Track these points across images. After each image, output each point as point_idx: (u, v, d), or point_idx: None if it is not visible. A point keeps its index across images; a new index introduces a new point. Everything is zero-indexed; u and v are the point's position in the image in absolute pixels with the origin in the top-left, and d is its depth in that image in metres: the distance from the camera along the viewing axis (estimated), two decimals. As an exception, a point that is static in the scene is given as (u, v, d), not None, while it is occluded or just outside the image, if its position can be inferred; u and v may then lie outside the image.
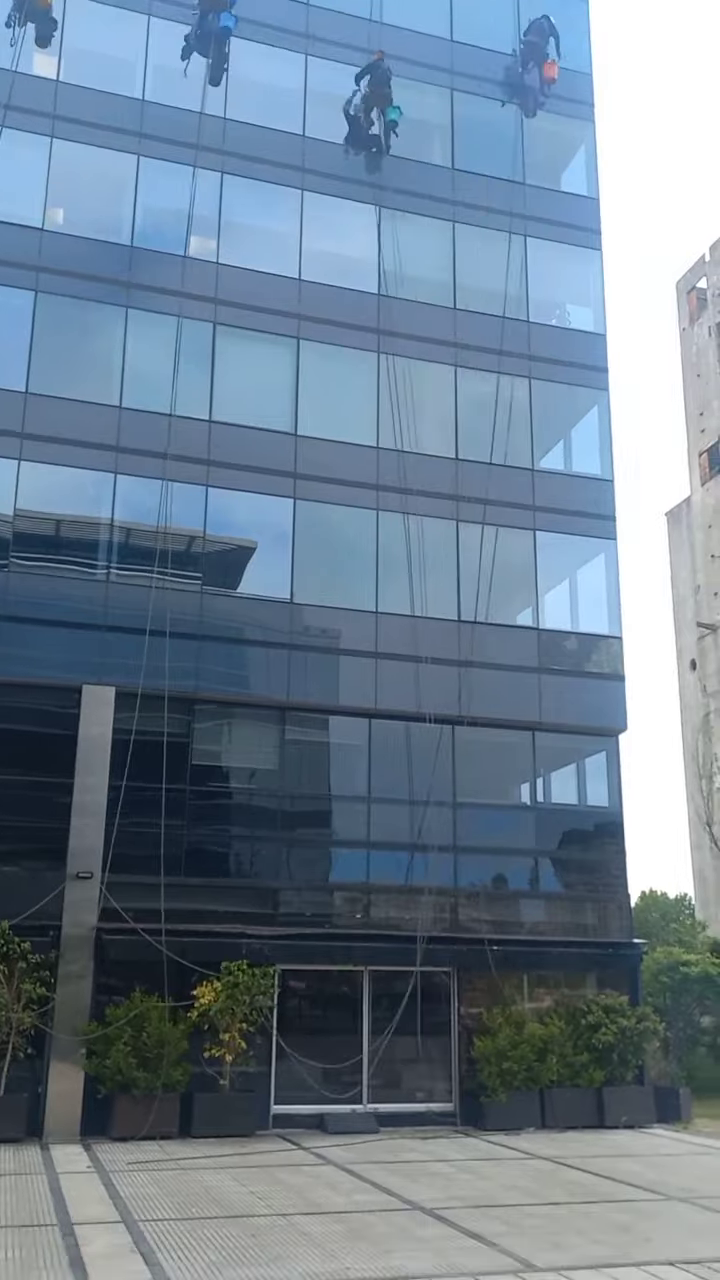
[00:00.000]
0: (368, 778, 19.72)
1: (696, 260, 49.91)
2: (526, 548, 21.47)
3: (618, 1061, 18.51)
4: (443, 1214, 10.92)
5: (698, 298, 49.38)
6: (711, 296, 48.20)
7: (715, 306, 47.68)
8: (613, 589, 22.03)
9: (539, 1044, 18.02)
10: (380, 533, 20.56)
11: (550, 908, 20.44)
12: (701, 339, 48.48)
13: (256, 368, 21.08)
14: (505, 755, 20.94)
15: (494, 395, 21.90)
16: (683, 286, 50.58)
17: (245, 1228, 10.21)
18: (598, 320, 23.60)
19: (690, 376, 49.13)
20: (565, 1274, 8.62)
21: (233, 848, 19.40)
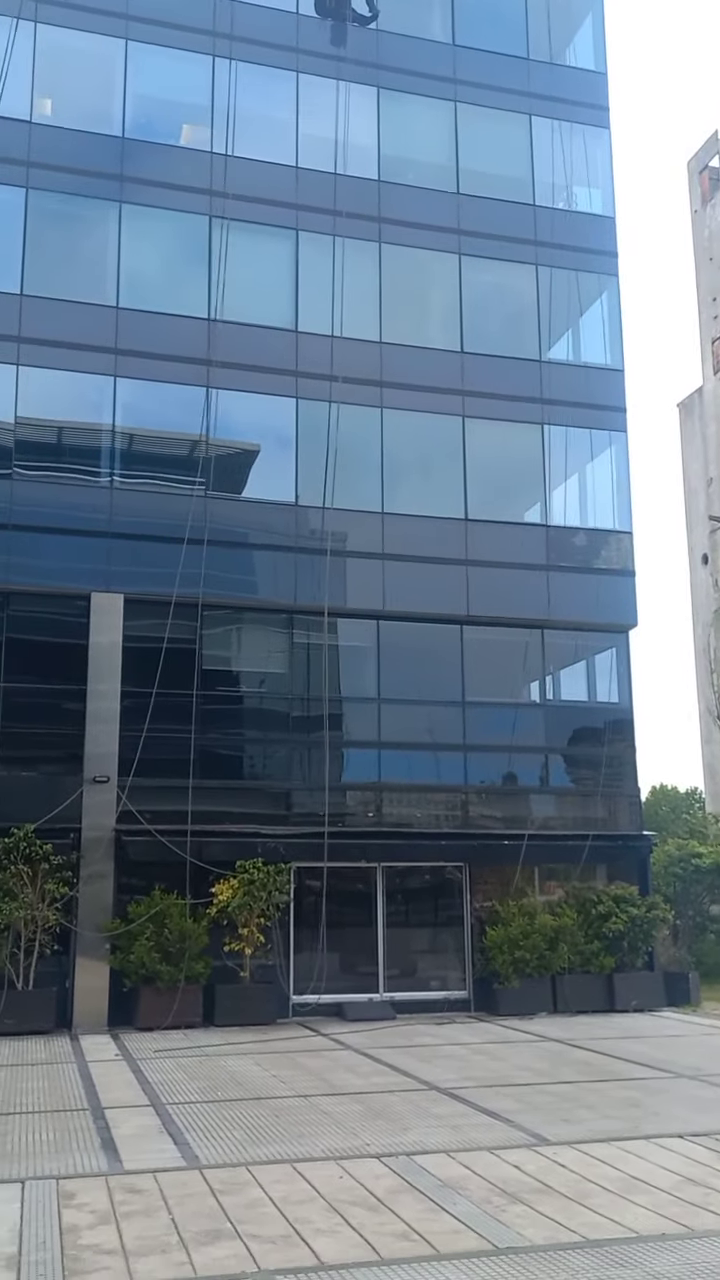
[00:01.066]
0: (377, 679, 19.81)
1: (708, 138, 47.94)
2: (534, 442, 21.15)
3: (628, 949, 18.99)
4: (458, 1093, 11.34)
5: (710, 178, 47.63)
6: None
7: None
8: (622, 483, 21.78)
9: (550, 933, 18.46)
10: (385, 431, 20.26)
11: (561, 803, 20.72)
12: (714, 222, 46.92)
13: (255, 262, 20.51)
14: (514, 654, 20.98)
15: (499, 284, 21.34)
16: (694, 166, 48.74)
17: (268, 1108, 10.63)
18: (606, 202, 22.82)
19: (702, 261, 47.68)
20: (577, 1147, 8.96)
21: (245, 751, 19.63)
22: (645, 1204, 7.40)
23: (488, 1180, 7.98)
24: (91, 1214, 7.21)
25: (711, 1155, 8.67)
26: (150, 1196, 7.60)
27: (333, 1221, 7.04)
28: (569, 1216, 7.12)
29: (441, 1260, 6.32)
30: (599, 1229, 6.87)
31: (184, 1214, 7.19)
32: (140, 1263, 6.29)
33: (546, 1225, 6.94)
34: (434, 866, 19.72)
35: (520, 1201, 7.46)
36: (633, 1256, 6.34)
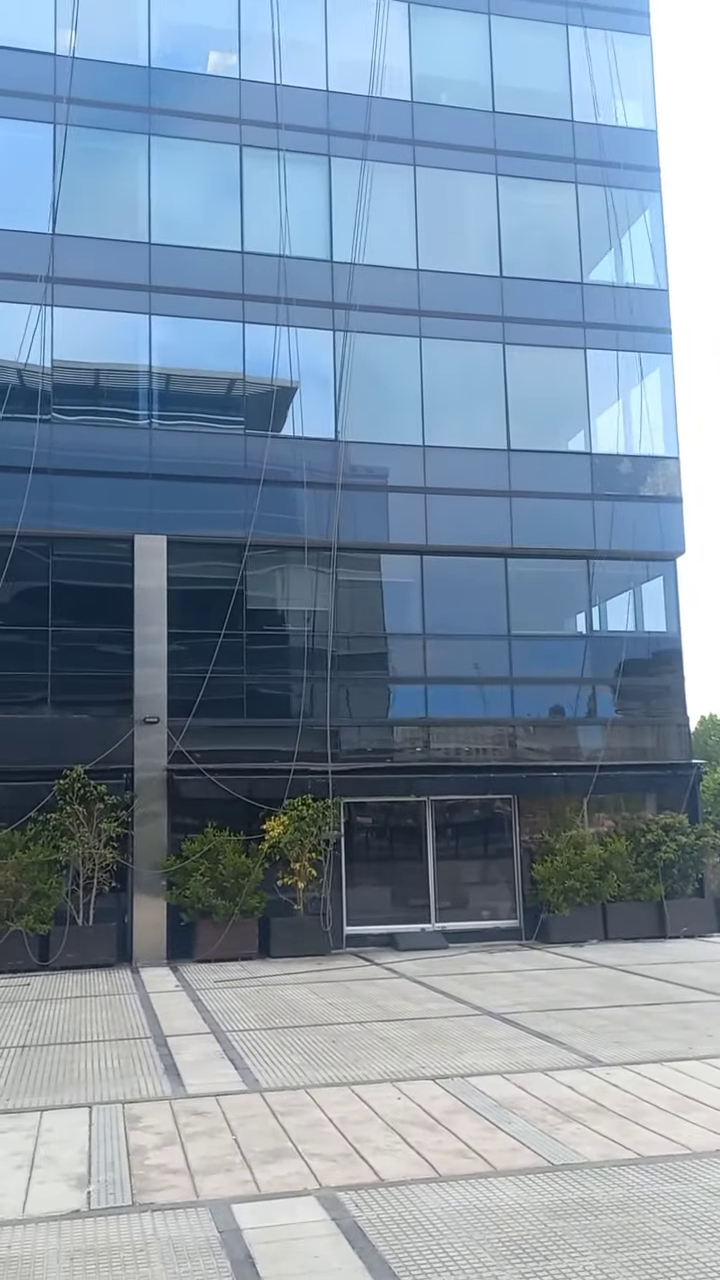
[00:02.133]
0: (421, 614, 19.76)
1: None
2: (577, 368, 20.73)
3: (678, 876, 19.04)
4: (511, 1018, 11.51)
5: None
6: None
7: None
8: (669, 407, 21.31)
9: (600, 863, 18.54)
10: (424, 362, 19.96)
11: (609, 734, 20.65)
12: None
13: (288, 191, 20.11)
14: (560, 585, 20.82)
15: (538, 205, 20.77)
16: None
17: (325, 1034, 10.87)
18: (648, 115, 22.02)
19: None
20: (630, 1068, 9.08)
21: (292, 689, 19.73)
22: (699, 1121, 7.49)
23: (542, 1100, 8.11)
24: (157, 1135, 7.45)
25: (765, 1075, 8.74)
26: (213, 1119, 7.84)
27: (391, 1140, 7.22)
28: (623, 1134, 7.23)
29: (499, 1176, 6.45)
30: (653, 1146, 6.97)
31: (246, 1135, 7.41)
32: (206, 1181, 6.50)
33: (601, 1143, 7.06)
34: (482, 799, 19.82)
35: (574, 1120, 7.58)
36: (687, 1172, 6.43)
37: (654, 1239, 5.42)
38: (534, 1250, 5.31)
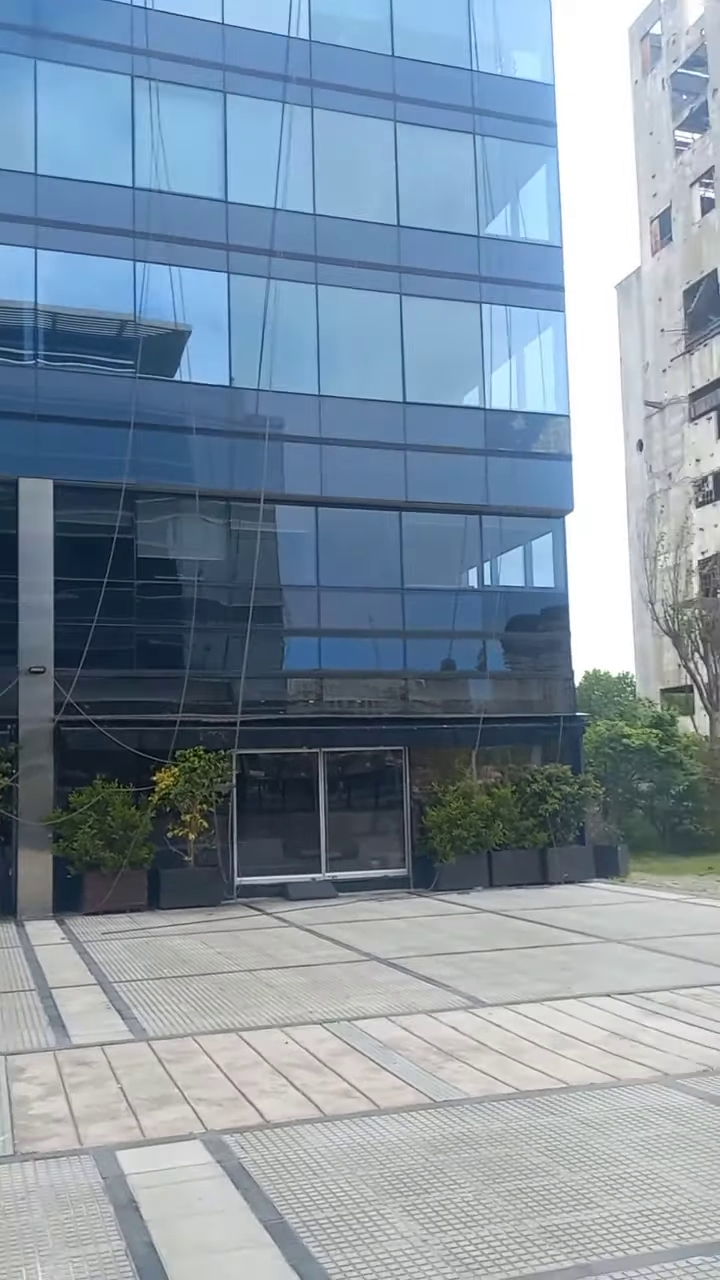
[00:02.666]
0: (316, 566, 19.71)
1: (650, 1, 46.26)
2: (473, 322, 20.74)
3: (560, 825, 19.61)
4: (398, 962, 11.73)
5: (651, 45, 46.07)
6: (666, 44, 44.97)
7: (670, 55, 44.58)
8: (561, 365, 21.54)
9: (487, 812, 18.95)
10: (321, 311, 19.70)
11: (498, 687, 21.02)
12: (655, 93, 45.61)
13: (180, 127, 19.48)
14: (453, 540, 20.98)
15: (436, 154, 20.59)
16: (635, 32, 47.07)
17: (213, 983, 10.91)
18: (545, 69, 21.98)
19: (642, 134, 46.52)
20: (510, 1008, 9.36)
21: (185, 640, 19.47)
22: (575, 1057, 7.78)
23: (425, 1040, 8.31)
24: (41, 1086, 7.39)
25: (638, 1011, 9.11)
26: (98, 1068, 7.80)
27: (277, 1083, 7.30)
28: (503, 1071, 7.46)
29: (382, 1114, 6.60)
30: (531, 1081, 7.21)
31: (132, 1083, 7.40)
32: (90, 1129, 6.47)
33: (481, 1079, 7.27)
34: (374, 751, 20.03)
35: (456, 1059, 7.79)
36: (562, 1105, 6.68)
37: (530, 1169, 5.62)
38: (414, 1183, 5.46)
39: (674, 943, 12.63)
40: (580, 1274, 4.45)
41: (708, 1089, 6.88)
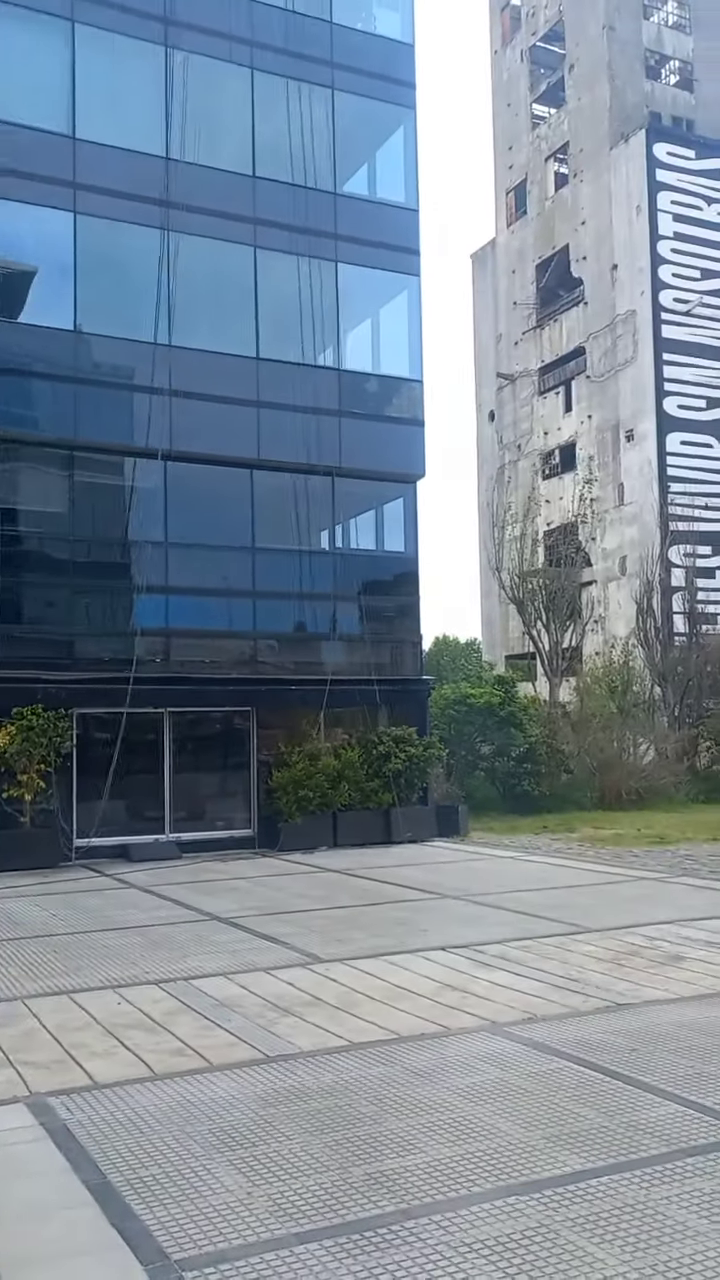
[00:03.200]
0: (164, 522, 19.28)
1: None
2: (328, 281, 20.55)
3: (405, 785, 19.94)
4: (238, 921, 11.71)
5: (511, 17, 46.45)
6: (526, 16, 45.43)
7: (529, 28, 45.05)
8: (414, 330, 21.61)
9: (333, 773, 19.09)
10: (172, 258, 19.13)
11: (347, 649, 21.12)
12: (514, 64, 46.06)
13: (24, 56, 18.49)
14: (305, 501, 20.86)
15: (294, 106, 20.20)
16: (496, 3, 47.35)
17: (46, 946, 10.64)
18: (405, 29, 21.82)
19: (500, 106, 46.97)
20: (348, 963, 9.47)
21: (24, 594, 18.83)
22: (407, 1009, 7.92)
23: (262, 997, 8.32)
24: None
25: (470, 964, 9.36)
26: None
27: (108, 1045, 7.18)
28: (337, 1024, 7.54)
29: (215, 1071, 6.57)
30: (364, 1033, 7.31)
31: (-45, 1048, 7.14)
32: None
33: (315, 1033, 7.33)
34: (222, 712, 19.87)
35: (292, 1014, 7.83)
36: (393, 1056, 6.79)
37: (358, 1119, 5.69)
38: (243, 1138, 5.45)
39: (506, 898, 13.04)
40: (401, 1218, 4.53)
41: (530, 1035, 7.13)
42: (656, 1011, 7.69)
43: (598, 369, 40.88)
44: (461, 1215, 4.53)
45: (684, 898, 12.97)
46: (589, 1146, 5.23)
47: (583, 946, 10.02)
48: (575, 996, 8.16)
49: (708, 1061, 6.49)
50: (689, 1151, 5.14)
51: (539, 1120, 5.59)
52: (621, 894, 13.44)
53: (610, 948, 9.93)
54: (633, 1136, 5.35)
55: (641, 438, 38.88)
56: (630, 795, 25.65)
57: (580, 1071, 6.36)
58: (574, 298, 42.44)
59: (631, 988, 8.40)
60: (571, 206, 42.49)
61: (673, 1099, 5.86)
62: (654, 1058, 6.60)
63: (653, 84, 42.38)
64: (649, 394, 38.36)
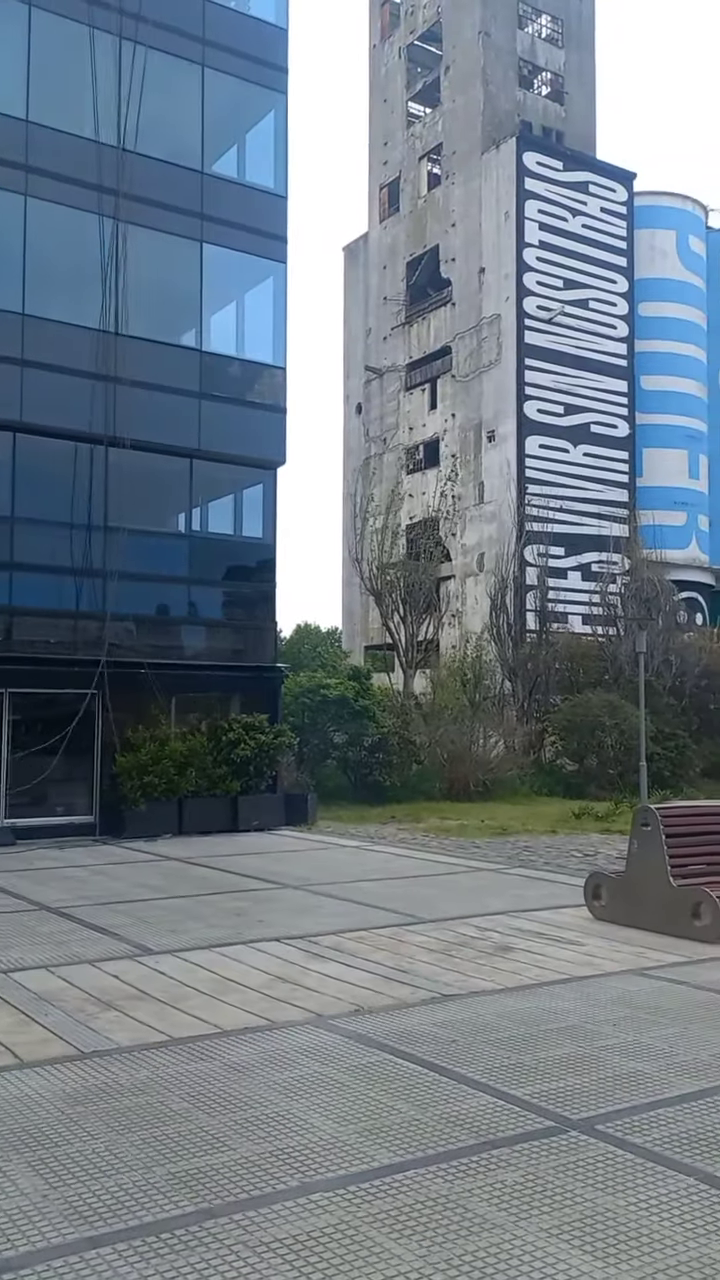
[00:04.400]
0: (11, 496, 18.56)
1: (395, -33, 46.62)
2: (193, 261, 20.16)
3: (253, 773, 19.80)
4: (69, 912, 11.36)
5: (390, 12, 46.57)
6: (405, 14, 45.63)
7: (408, 26, 45.28)
8: (280, 316, 21.42)
9: (180, 759, 18.80)
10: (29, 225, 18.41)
11: (200, 634, 20.83)
12: (391, 60, 46.23)
13: None
14: (161, 482, 20.45)
15: (163, 80, 19.70)
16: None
17: None
18: (280, 12, 21.57)
19: (377, 101, 47.09)
20: (178, 955, 9.29)
21: None
22: (234, 1002, 7.81)
23: (84, 991, 8.06)
24: None
25: (303, 955, 9.31)
26: None
27: None
28: (160, 1019, 7.36)
29: (24, 1068, 6.30)
30: (187, 1028, 7.15)
31: None
32: None
33: (136, 1028, 7.13)
34: (67, 694, 19.27)
35: (114, 1008, 7.60)
36: (213, 1050, 6.66)
37: (168, 1116, 5.54)
38: (45, 1137, 5.24)
39: (347, 888, 13.07)
40: (202, 1218, 4.42)
41: (356, 1028, 7.11)
42: (481, 1002, 7.79)
43: (463, 369, 41.48)
44: (263, 1214, 4.45)
45: (519, 888, 13.26)
46: (400, 1140, 5.23)
47: (416, 937, 10.10)
48: (404, 988, 8.20)
49: (524, 1052, 6.59)
50: (496, 1143, 5.19)
51: (353, 1115, 5.57)
52: (460, 884, 13.65)
53: (442, 938, 10.04)
54: (444, 1129, 5.38)
55: (502, 439, 39.67)
56: (478, 787, 26.15)
57: (400, 1064, 6.37)
58: (442, 298, 42.94)
59: (459, 978, 8.50)
60: (443, 207, 42.95)
61: (487, 1090, 5.92)
62: (473, 1049, 6.68)
63: (525, 93, 43.20)
64: (510, 397, 39.17)
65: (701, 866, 10.46)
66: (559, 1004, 7.72)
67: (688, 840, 10.48)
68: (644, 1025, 7.13)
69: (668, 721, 28.58)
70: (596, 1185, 4.67)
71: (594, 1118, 5.47)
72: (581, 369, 40.21)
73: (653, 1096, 5.76)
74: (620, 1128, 5.33)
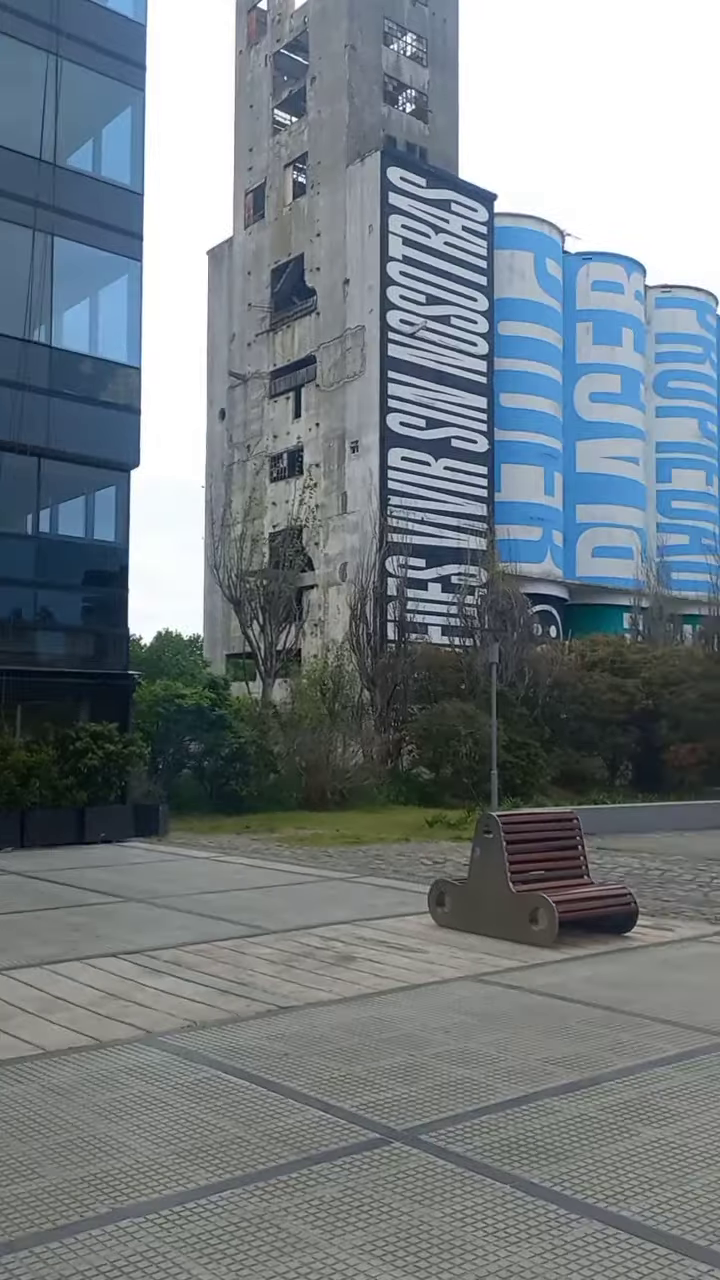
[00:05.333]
0: None
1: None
2: (43, 254, 19.56)
3: (102, 783, 19.27)
4: None
5: (258, 19, 46.54)
6: (272, 21, 45.67)
7: (275, 34, 45.33)
8: (135, 315, 21.01)
9: (23, 769, 18.13)
10: None
11: (47, 639, 20.20)
12: (258, 67, 46.18)
13: None
14: (8, 480, 19.74)
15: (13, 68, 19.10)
16: (243, 4, 47.29)
17: None
18: (139, 8, 21.19)
19: (243, 106, 46.95)
20: (6, 973, 8.87)
21: None
22: (61, 1021, 7.49)
23: None
24: None
25: (139, 970, 9.03)
26: None
27: None
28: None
29: None
30: (6, 1049, 6.81)
31: None
32: None
33: (-48, 1052, 6.75)
34: None
35: (-71, 1032, 7.19)
36: (34, 1072, 6.36)
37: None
38: None
39: (193, 900, 12.81)
40: (2, 1252, 4.16)
41: (186, 1044, 6.91)
42: (317, 1014, 7.69)
43: (327, 379, 41.62)
44: (67, 1245, 4.22)
45: (366, 897, 13.24)
46: (220, 1160, 5.07)
47: (258, 949, 9.94)
48: (240, 1001, 8.03)
49: (355, 1063, 6.52)
50: (318, 1158, 5.08)
51: (174, 1135, 5.37)
52: (308, 894, 13.55)
53: (285, 949, 9.91)
54: (267, 1146, 5.24)
55: (365, 450, 39.95)
56: (335, 796, 26.15)
57: (228, 1080, 6.21)
58: (307, 306, 43.02)
59: (297, 990, 8.38)
60: (308, 216, 43.06)
61: (314, 1104, 5.82)
62: (305, 1061, 6.56)
63: (390, 109, 43.75)
64: (374, 408, 39.49)
65: (541, 872, 10.65)
66: (395, 1012, 7.69)
67: (528, 847, 10.64)
68: (475, 1031, 7.16)
69: (520, 731, 29.21)
70: (414, 1197, 4.62)
71: (418, 1128, 5.43)
72: (443, 384, 40.88)
73: (478, 1104, 5.76)
74: (443, 1137, 5.30)
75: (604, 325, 47.38)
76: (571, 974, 8.92)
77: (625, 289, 48.34)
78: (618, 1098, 5.83)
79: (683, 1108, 5.69)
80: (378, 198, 39.69)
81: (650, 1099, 5.82)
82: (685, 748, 31.22)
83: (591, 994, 8.19)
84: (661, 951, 9.94)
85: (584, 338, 47.08)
